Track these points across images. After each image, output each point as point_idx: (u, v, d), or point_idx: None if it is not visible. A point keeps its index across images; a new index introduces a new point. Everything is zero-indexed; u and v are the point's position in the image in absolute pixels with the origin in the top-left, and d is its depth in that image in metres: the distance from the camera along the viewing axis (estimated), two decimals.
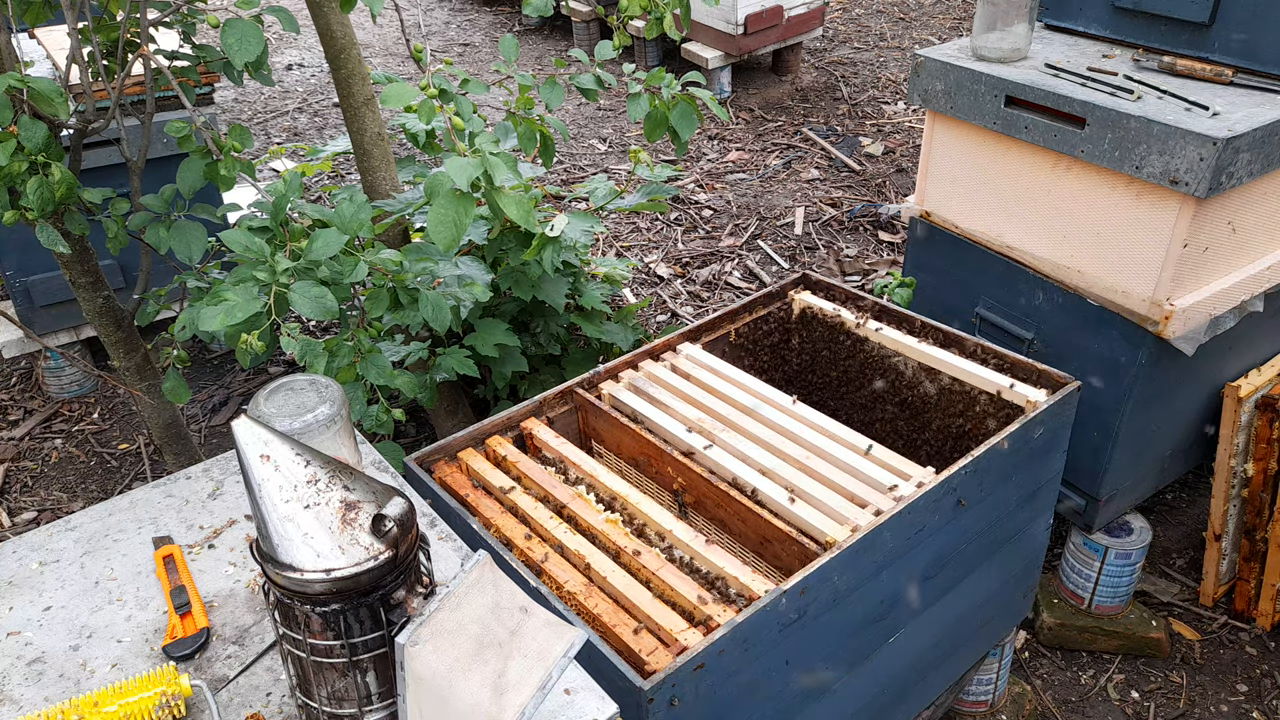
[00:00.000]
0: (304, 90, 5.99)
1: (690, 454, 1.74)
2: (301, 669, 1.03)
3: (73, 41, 1.90)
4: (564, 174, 4.84)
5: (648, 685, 1.23)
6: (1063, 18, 2.43)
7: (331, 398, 1.12)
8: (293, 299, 1.76)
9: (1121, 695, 2.27)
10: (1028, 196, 2.26)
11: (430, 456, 1.72)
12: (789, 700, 1.51)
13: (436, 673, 0.93)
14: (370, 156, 2.48)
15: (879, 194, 4.49)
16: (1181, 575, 2.52)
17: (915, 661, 1.80)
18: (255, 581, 1.31)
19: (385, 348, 2.51)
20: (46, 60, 3.07)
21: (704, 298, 3.85)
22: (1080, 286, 2.20)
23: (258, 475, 0.94)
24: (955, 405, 1.95)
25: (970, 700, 2.14)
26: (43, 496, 3.00)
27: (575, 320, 2.79)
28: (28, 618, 1.27)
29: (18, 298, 3.14)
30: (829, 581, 1.45)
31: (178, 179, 2.02)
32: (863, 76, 5.73)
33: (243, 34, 1.83)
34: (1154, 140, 1.94)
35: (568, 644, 1.02)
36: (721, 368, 1.95)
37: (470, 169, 1.72)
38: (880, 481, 1.63)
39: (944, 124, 2.40)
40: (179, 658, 1.20)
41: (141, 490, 1.48)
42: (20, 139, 1.79)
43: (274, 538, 0.94)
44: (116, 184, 2.93)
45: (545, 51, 6.35)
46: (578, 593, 1.44)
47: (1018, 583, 1.99)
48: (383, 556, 0.95)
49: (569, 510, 1.61)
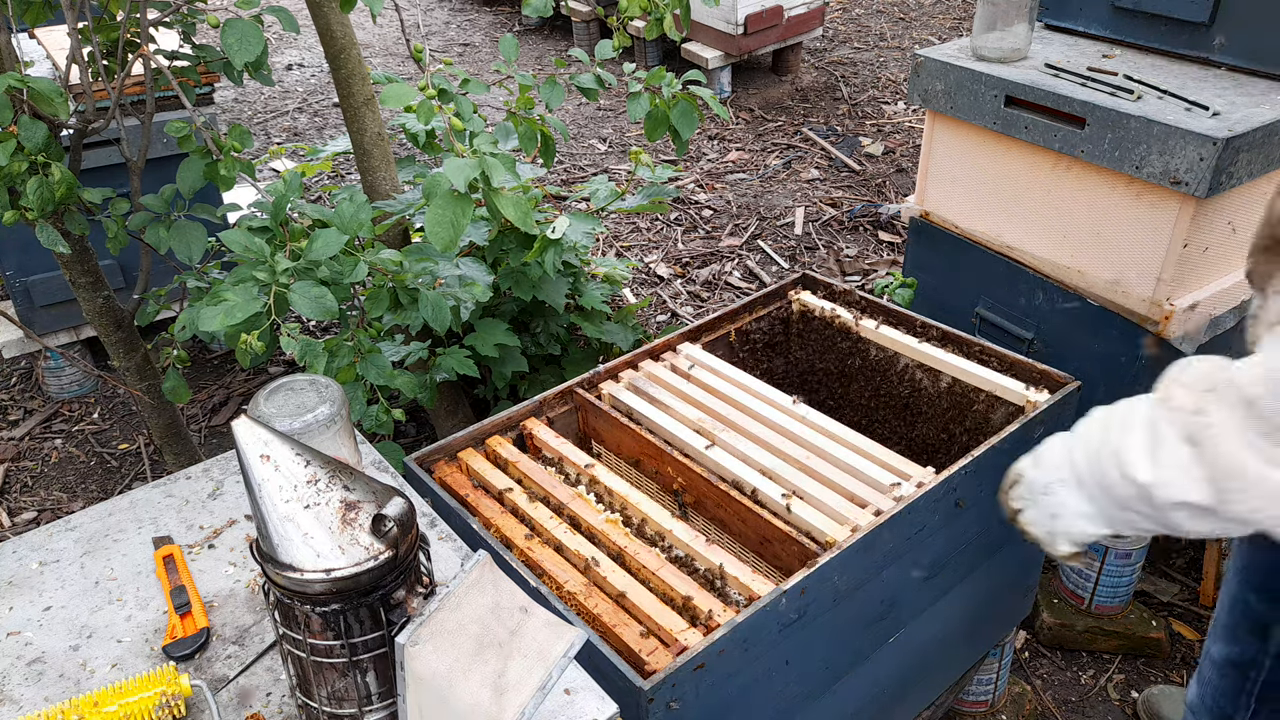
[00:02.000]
0: (304, 90, 5.99)
1: (690, 454, 1.74)
2: (301, 669, 1.03)
3: (73, 41, 1.90)
4: (564, 174, 4.84)
5: (648, 685, 1.23)
6: (1062, 18, 2.44)
7: (331, 398, 1.12)
8: (292, 299, 1.76)
9: (1122, 695, 2.27)
10: (1028, 196, 2.26)
11: (430, 456, 1.72)
12: (789, 700, 1.51)
13: (436, 673, 0.93)
14: (370, 156, 2.48)
15: (879, 194, 4.49)
16: (1181, 575, 2.52)
17: (915, 661, 1.80)
18: (255, 581, 1.31)
19: (385, 348, 2.51)
20: (46, 60, 3.07)
21: (704, 298, 3.85)
22: (1080, 286, 2.20)
23: (258, 475, 0.94)
24: (955, 405, 1.95)
25: (970, 700, 2.14)
26: (43, 496, 3.00)
27: (575, 320, 2.79)
28: (28, 618, 1.27)
29: (18, 298, 3.14)
30: (829, 581, 1.45)
31: (178, 179, 2.02)
32: (863, 76, 5.73)
33: (243, 34, 1.83)
34: (1154, 140, 1.94)
35: (568, 644, 1.02)
36: (721, 368, 1.95)
37: (468, 170, 1.72)
38: (880, 481, 1.63)
39: (944, 124, 2.40)
40: (179, 658, 1.20)
41: (141, 490, 1.48)
42: (20, 139, 1.79)
43: (274, 538, 0.94)
44: (116, 184, 2.92)
45: (545, 51, 6.35)
46: (578, 593, 1.44)
47: (1017, 582, 1.99)
48: (383, 556, 0.95)
49: (569, 510, 1.61)
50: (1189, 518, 1.04)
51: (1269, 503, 0.94)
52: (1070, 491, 1.20)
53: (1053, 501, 1.22)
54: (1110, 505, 1.14)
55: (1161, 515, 1.07)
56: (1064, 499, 1.21)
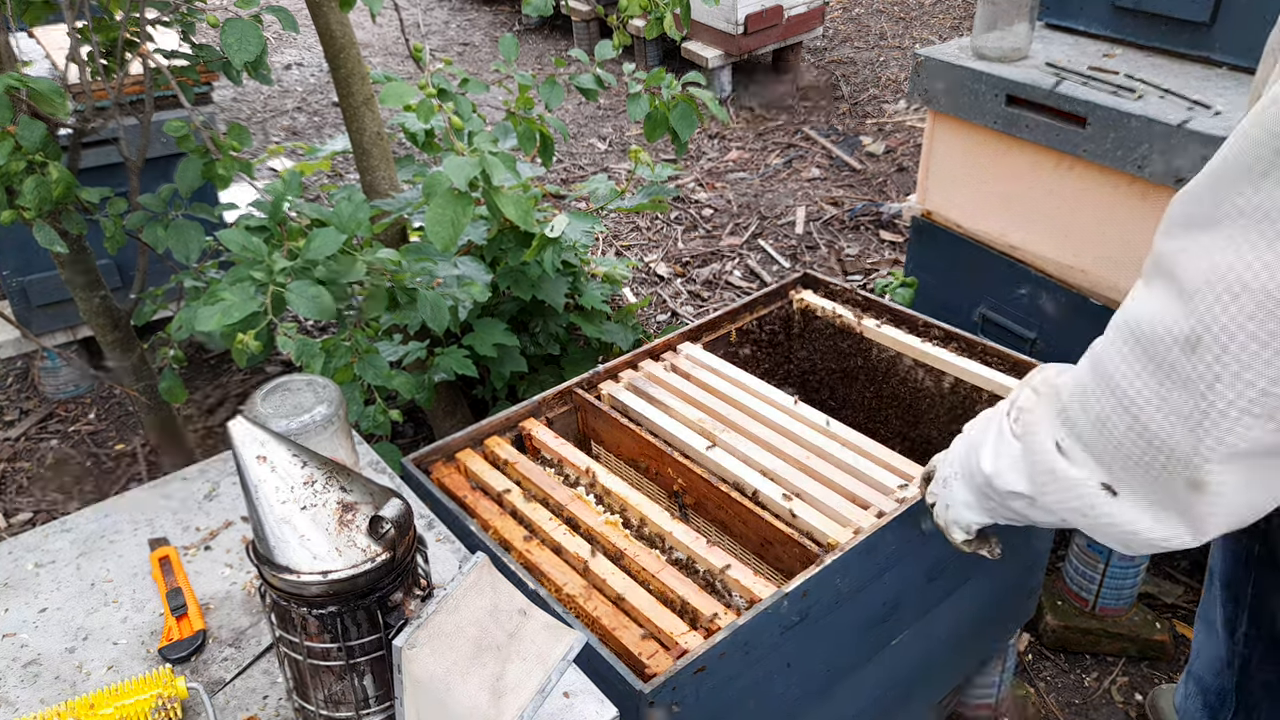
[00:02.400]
0: (303, 90, 5.98)
1: (690, 455, 1.73)
2: (298, 672, 1.02)
3: (72, 41, 1.89)
4: (564, 173, 4.84)
5: (648, 688, 1.22)
6: (1063, 17, 2.43)
7: (328, 398, 1.11)
8: (290, 299, 1.75)
9: (1125, 698, 2.26)
10: (1029, 196, 2.25)
11: (428, 457, 1.71)
12: (790, 703, 1.50)
13: (434, 676, 0.92)
14: (369, 156, 2.47)
15: (880, 193, 4.48)
16: (1185, 577, 2.51)
17: (918, 664, 1.79)
18: (252, 583, 1.31)
19: (383, 348, 2.50)
20: (45, 60, 3.06)
21: (704, 297, 3.84)
22: (1083, 286, 2.19)
23: (254, 476, 0.93)
24: (958, 405, 1.94)
25: (973, 703, 2.13)
26: (38, 497, 2.99)
27: (575, 320, 2.78)
28: (23, 619, 1.26)
29: (14, 297, 3.13)
30: (831, 584, 1.44)
31: (176, 178, 2.01)
32: (863, 76, 5.72)
33: (242, 33, 1.82)
34: (1156, 139, 1.93)
35: (567, 647, 1.01)
36: (722, 367, 1.94)
37: (468, 168, 1.72)
38: (882, 483, 1.62)
39: (945, 123, 2.39)
40: (175, 660, 1.19)
41: (138, 491, 1.47)
42: (18, 138, 1.78)
43: (270, 539, 0.93)
44: (115, 183, 2.91)
45: (545, 51, 6.35)
46: (577, 595, 1.43)
47: (1021, 584, 1.98)
48: (380, 558, 0.94)
49: (568, 511, 1.60)
50: (1025, 507, 1.14)
51: (1068, 496, 1.05)
52: (958, 483, 1.28)
53: (946, 493, 1.31)
54: (978, 494, 1.23)
55: (1005, 503, 1.18)
56: (954, 490, 1.29)
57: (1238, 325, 0.84)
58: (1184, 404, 0.90)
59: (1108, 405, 0.98)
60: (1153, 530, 0.99)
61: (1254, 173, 0.83)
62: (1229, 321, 0.85)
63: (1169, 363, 0.90)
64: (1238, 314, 0.84)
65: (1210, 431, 0.89)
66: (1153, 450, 0.94)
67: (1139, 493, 0.99)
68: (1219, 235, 0.86)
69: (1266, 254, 0.82)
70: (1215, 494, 0.92)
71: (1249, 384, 0.85)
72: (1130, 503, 1.00)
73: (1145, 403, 0.94)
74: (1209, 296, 0.86)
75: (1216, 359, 0.86)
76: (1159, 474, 0.95)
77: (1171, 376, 0.90)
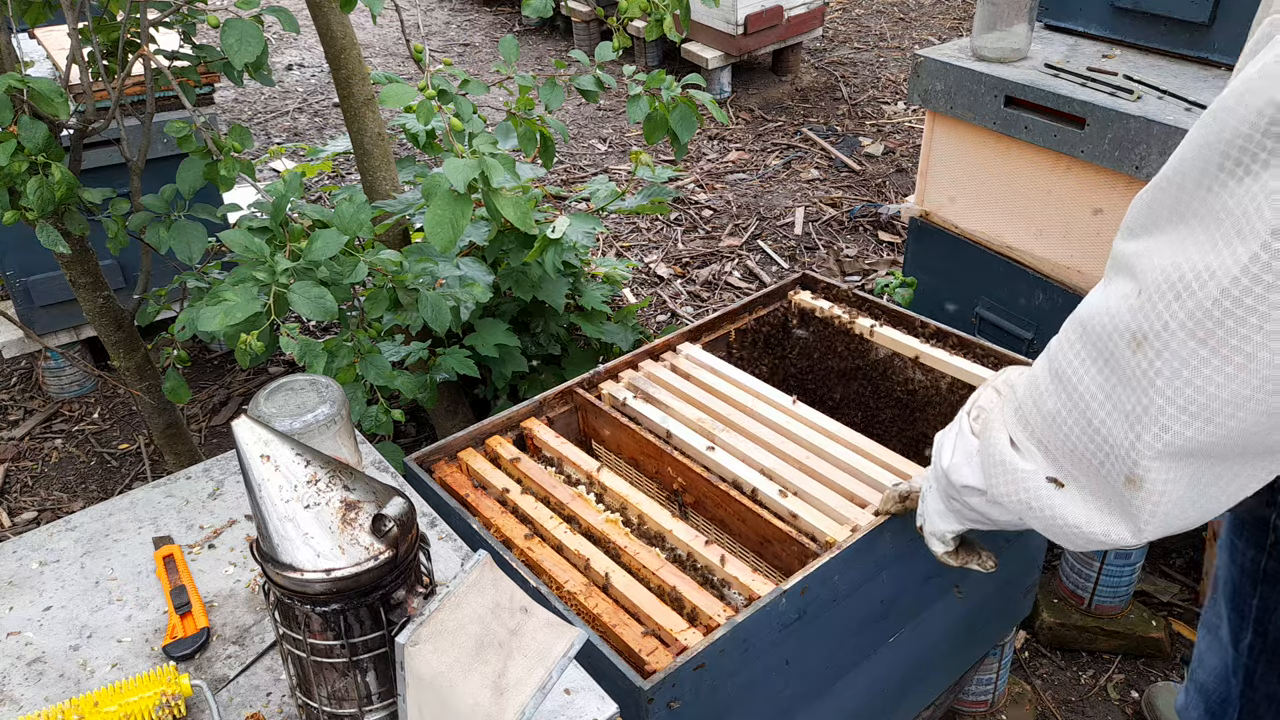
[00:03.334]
0: (304, 90, 5.99)
1: (690, 454, 1.74)
2: (301, 669, 1.03)
3: (73, 41, 1.90)
4: (564, 174, 4.84)
5: (648, 685, 1.23)
6: (1062, 18, 2.44)
7: (332, 398, 1.12)
8: (292, 299, 1.76)
9: (1122, 695, 2.27)
10: (1028, 196, 2.26)
11: (430, 456, 1.72)
12: (789, 700, 1.51)
13: (437, 672, 0.93)
14: (370, 157, 2.48)
15: (879, 194, 4.49)
16: (1181, 575, 2.52)
17: (915, 661, 1.80)
18: (255, 581, 1.31)
19: (385, 348, 2.51)
20: (46, 60, 3.07)
21: (704, 298, 3.85)
22: (1080, 286, 2.20)
23: (258, 475, 0.94)
24: (955, 405, 1.94)
25: (970, 700, 2.14)
26: (43, 496, 3.00)
27: (575, 320, 2.79)
28: (28, 618, 1.27)
29: (18, 297, 3.14)
30: (829, 581, 1.45)
31: (178, 179, 2.02)
32: (863, 76, 5.73)
33: (243, 34, 1.83)
34: (1154, 140, 1.94)
35: (568, 644, 1.02)
36: (721, 368, 1.95)
37: (467, 170, 1.72)
38: (880, 481, 1.63)
39: (944, 124, 2.40)
40: (179, 658, 1.20)
41: (142, 490, 1.48)
42: (20, 139, 1.79)
43: (274, 538, 0.94)
44: (117, 184, 2.92)
45: (545, 52, 6.36)
46: (578, 592, 1.44)
47: (1018, 582, 1.99)
48: (383, 556, 0.95)
49: (569, 510, 1.61)
50: (982, 503, 1.16)
51: (1016, 488, 1.07)
52: (931, 493, 1.29)
53: (923, 505, 1.33)
54: (944, 496, 1.24)
55: (963, 499, 1.19)
56: (928, 500, 1.30)
57: (1179, 324, 0.85)
58: (1126, 400, 0.91)
59: (1059, 400, 0.99)
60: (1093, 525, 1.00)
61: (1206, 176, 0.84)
62: (1171, 319, 0.86)
63: (1116, 359, 0.92)
64: (1179, 312, 0.85)
65: (1149, 428, 0.90)
66: (1095, 444, 0.96)
67: (1084, 487, 1.00)
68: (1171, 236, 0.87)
69: (1210, 255, 0.83)
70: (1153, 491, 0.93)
71: (1186, 382, 0.86)
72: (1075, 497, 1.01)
73: (1092, 398, 0.95)
74: (1154, 295, 0.87)
75: (1158, 355, 0.87)
76: (1098, 468, 0.97)
77: (1118, 372, 0.92)
